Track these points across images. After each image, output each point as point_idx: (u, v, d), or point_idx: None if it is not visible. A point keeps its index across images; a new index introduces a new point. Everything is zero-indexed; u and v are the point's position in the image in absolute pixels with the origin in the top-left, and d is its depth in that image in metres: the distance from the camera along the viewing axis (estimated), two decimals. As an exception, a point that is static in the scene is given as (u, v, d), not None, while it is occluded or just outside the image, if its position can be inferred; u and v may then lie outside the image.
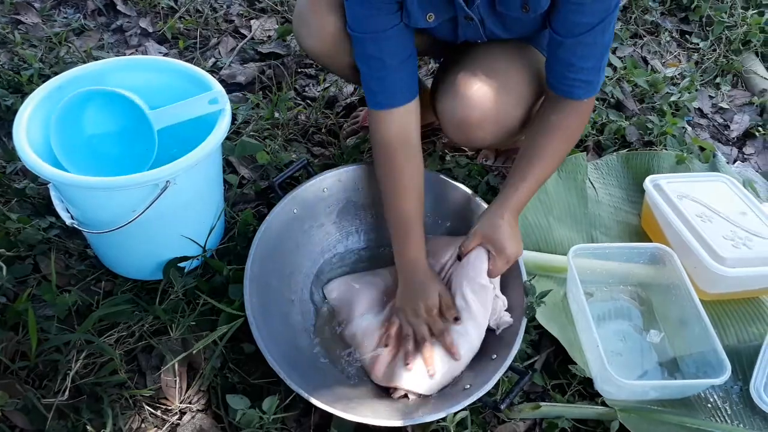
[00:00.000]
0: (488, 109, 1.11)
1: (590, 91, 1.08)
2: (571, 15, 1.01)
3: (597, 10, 0.99)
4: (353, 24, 1.06)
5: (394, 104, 1.09)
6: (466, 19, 1.07)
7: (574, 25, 1.01)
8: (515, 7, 1.03)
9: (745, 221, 1.28)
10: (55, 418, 0.97)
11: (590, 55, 1.05)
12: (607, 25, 1.02)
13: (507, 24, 1.10)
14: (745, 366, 1.17)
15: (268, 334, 1.02)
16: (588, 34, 1.02)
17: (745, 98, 1.83)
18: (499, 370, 1.00)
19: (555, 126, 1.09)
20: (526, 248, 1.29)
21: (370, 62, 1.08)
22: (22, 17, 1.70)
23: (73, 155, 1.06)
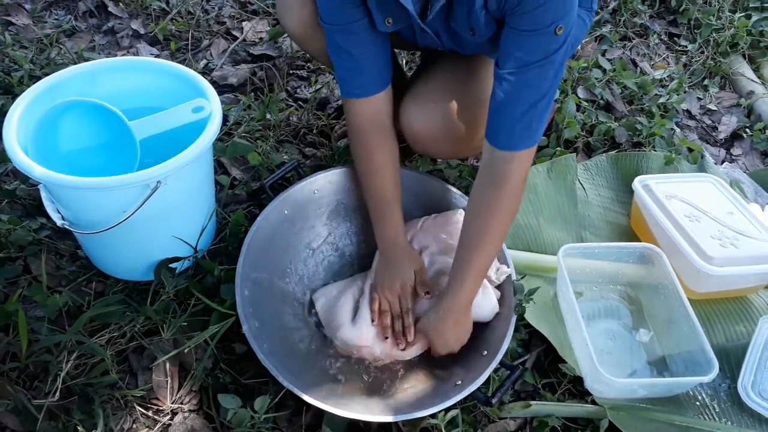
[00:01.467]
0: (443, 125, 1.13)
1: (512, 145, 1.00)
2: (510, 44, 0.95)
3: (534, 48, 0.93)
4: (323, 14, 1.07)
5: (364, 94, 1.11)
6: (423, 31, 1.07)
7: (509, 56, 0.95)
8: (464, 29, 1.03)
9: (732, 221, 1.30)
10: (46, 419, 0.97)
11: (523, 98, 0.96)
12: (546, 70, 0.94)
13: (460, 42, 1.10)
14: (733, 364, 1.18)
15: (260, 333, 1.02)
16: (521, 72, 0.94)
17: (733, 100, 1.85)
18: (490, 365, 1.01)
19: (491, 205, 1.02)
20: (517, 248, 1.30)
21: (340, 53, 1.09)
22: (12, 18, 1.69)
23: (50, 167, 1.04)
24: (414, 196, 1.24)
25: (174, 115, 1.09)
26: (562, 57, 0.95)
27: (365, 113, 1.12)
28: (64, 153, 1.09)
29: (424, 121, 1.15)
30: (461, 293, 1.05)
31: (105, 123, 1.08)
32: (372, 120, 1.13)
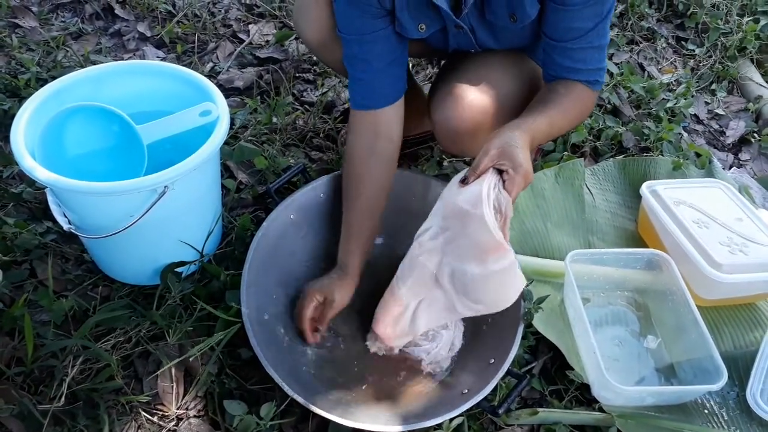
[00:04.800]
0: (482, 119, 1.10)
1: (594, 86, 1.08)
2: (563, 21, 1.01)
3: (589, 15, 0.99)
4: (341, 25, 1.08)
5: (374, 105, 1.10)
6: (457, 28, 1.08)
7: (566, 31, 1.01)
8: (503, 17, 1.03)
9: (741, 227, 1.29)
10: (51, 425, 0.97)
11: (588, 58, 1.05)
12: (602, 30, 1.02)
13: (497, 34, 1.10)
14: (742, 372, 1.17)
15: (265, 339, 1.02)
16: (582, 39, 1.02)
17: (741, 104, 1.84)
18: (497, 374, 1.00)
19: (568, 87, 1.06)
20: (524, 253, 1.29)
21: (356, 63, 1.09)
22: (19, 21, 1.69)
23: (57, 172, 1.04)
24: (421, 200, 1.24)
25: (181, 119, 1.09)
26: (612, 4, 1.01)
27: (370, 126, 1.11)
28: (71, 157, 1.09)
29: (460, 117, 1.10)
30: (530, 123, 0.99)
31: (112, 127, 1.08)
32: (378, 134, 1.12)
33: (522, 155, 0.94)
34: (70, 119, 1.06)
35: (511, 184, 0.94)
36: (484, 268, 0.96)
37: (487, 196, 0.92)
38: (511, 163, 0.93)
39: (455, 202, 0.95)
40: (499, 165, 0.94)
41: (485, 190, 0.93)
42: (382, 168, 1.14)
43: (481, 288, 0.99)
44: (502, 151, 0.94)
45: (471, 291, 1.00)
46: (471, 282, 0.98)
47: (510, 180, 0.94)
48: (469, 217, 0.94)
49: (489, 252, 0.95)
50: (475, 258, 0.96)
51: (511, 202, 0.95)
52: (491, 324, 1.14)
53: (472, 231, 0.94)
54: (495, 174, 0.95)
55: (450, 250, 0.99)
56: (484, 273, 0.96)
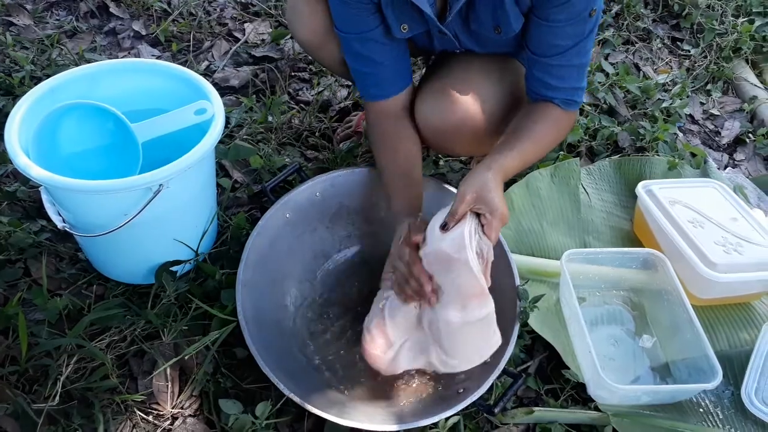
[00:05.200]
0: (463, 117, 1.11)
1: (570, 106, 1.08)
2: (545, 37, 1.01)
3: (570, 34, 0.99)
4: (339, 23, 1.08)
5: (386, 95, 1.13)
6: (440, 33, 1.08)
7: (548, 47, 1.02)
8: (488, 28, 1.04)
9: (736, 227, 1.29)
10: (46, 424, 0.96)
11: (566, 76, 1.05)
12: (582, 49, 1.02)
13: (481, 41, 1.11)
14: (737, 371, 1.18)
15: (261, 339, 1.02)
16: (562, 56, 1.02)
17: (736, 105, 1.84)
18: (492, 373, 1.00)
19: (543, 113, 1.07)
20: (520, 252, 1.29)
21: (359, 59, 1.10)
22: (13, 19, 1.68)
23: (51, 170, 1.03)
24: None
25: (176, 117, 1.09)
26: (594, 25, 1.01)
27: (386, 111, 1.14)
28: (65, 155, 1.08)
29: (442, 115, 1.11)
30: (502, 161, 1.00)
31: (107, 125, 1.08)
32: (395, 114, 1.14)
33: (497, 198, 0.96)
34: (65, 117, 1.06)
35: (489, 229, 0.97)
36: (465, 315, 0.96)
37: (469, 241, 0.94)
38: (487, 207, 0.96)
39: (439, 248, 0.95)
40: (476, 209, 0.97)
41: (467, 235, 0.94)
42: (412, 136, 1.15)
43: (459, 338, 0.99)
44: (478, 196, 0.96)
45: (446, 340, 0.99)
46: (449, 331, 0.98)
47: (488, 224, 0.96)
48: (453, 262, 0.94)
49: (471, 298, 0.96)
50: (457, 304, 0.96)
51: (492, 242, 0.97)
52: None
53: (456, 276, 0.95)
54: (474, 217, 0.97)
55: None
56: (464, 321, 0.96)
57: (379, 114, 1.15)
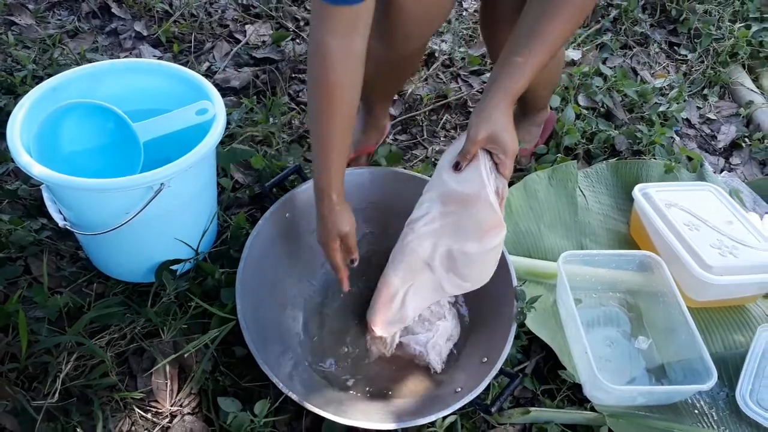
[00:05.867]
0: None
1: None
2: None
3: None
4: None
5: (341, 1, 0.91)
6: None
7: None
8: None
9: (731, 230, 1.30)
10: (45, 421, 0.97)
11: None
12: None
13: None
14: (731, 373, 1.19)
15: (260, 337, 1.02)
16: None
17: (732, 109, 1.86)
18: (489, 373, 1.01)
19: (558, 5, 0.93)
20: (517, 254, 1.30)
21: None
22: (15, 18, 1.69)
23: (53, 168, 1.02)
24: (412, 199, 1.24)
25: (178, 117, 1.10)
26: None
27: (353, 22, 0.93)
28: (66, 154, 1.09)
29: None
30: (511, 84, 0.93)
31: (108, 125, 1.09)
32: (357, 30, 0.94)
33: (509, 136, 0.94)
34: (67, 116, 1.07)
35: (503, 168, 0.97)
36: (481, 246, 1.01)
37: (488, 180, 0.97)
38: (500, 147, 0.95)
39: (455, 188, 0.99)
40: (489, 148, 0.97)
41: (485, 175, 0.97)
42: (359, 72, 0.98)
43: (475, 265, 1.04)
44: (489, 137, 0.95)
45: (463, 268, 1.04)
46: (466, 260, 1.02)
47: (502, 164, 0.97)
48: (472, 201, 0.98)
49: (489, 230, 0.99)
50: (476, 236, 1.00)
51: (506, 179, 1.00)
52: (484, 323, 1.15)
53: (476, 212, 0.98)
54: (486, 154, 0.98)
55: (449, 232, 1.02)
56: (481, 250, 1.01)
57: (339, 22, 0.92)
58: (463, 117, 1.71)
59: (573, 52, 1.88)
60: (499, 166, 0.98)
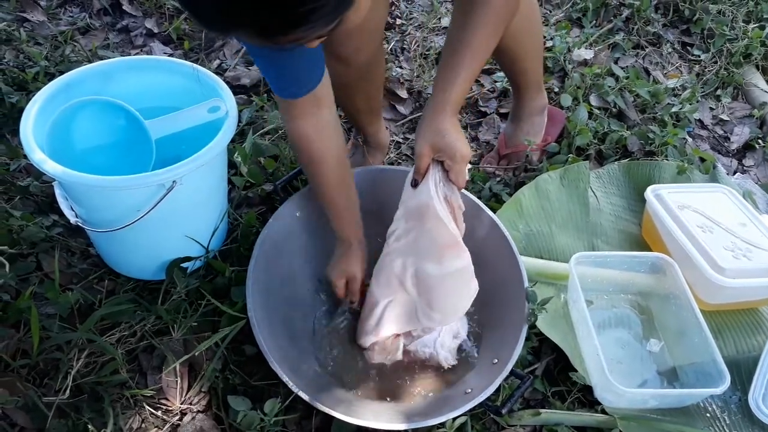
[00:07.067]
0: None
1: None
2: None
3: None
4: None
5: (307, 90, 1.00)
6: None
7: None
8: None
9: (745, 232, 1.29)
10: (56, 417, 0.97)
11: None
12: None
13: None
14: (744, 376, 1.18)
15: (270, 336, 1.02)
16: None
17: (746, 111, 1.84)
18: (500, 375, 1.00)
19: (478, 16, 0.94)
20: (528, 255, 1.29)
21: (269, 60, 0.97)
22: (27, 15, 1.70)
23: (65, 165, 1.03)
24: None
25: (190, 114, 1.10)
26: None
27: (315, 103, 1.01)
28: (79, 151, 1.09)
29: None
30: (450, 97, 0.95)
31: (120, 122, 1.09)
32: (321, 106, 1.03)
33: (453, 140, 0.94)
34: (79, 113, 1.07)
35: (453, 174, 0.97)
36: (441, 268, 1.01)
37: (435, 190, 0.97)
38: (446, 154, 0.95)
39: (411, 205, 1.00)
40: (437, 158, 0.97)
41: (432, 186, 0.97)
42: (336, 134, 1.08)
43: (439, 291, 1.04)
44: (433, 147, 0.95)
45: (429, 293, 1.04)
46: (430, 283, 1.03)
47: (450, 170, 0.97)
48: (424, 214, 0.98)
49: (445, 249, 0.99)
50: (434, 256, 1.01)
51: (458, 188, 0.98)
52: (495, 325, 1.15)
53: (430, 228, 0.98)
54: (437, 166, 0.98)
55: (413, 250, 1.02)
56: (441, 273, 1.01)
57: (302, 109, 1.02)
58: (474, 116, 1.71)
59: (585, 51, 1.87)
60: (450, 173, 0.97)
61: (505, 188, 1.43)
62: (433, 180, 0.97)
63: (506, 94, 1.74)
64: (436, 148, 0.96)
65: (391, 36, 1.88)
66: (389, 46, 1.83)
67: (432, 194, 0.96)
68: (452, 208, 0.99)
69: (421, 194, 0.98)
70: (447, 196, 0.99)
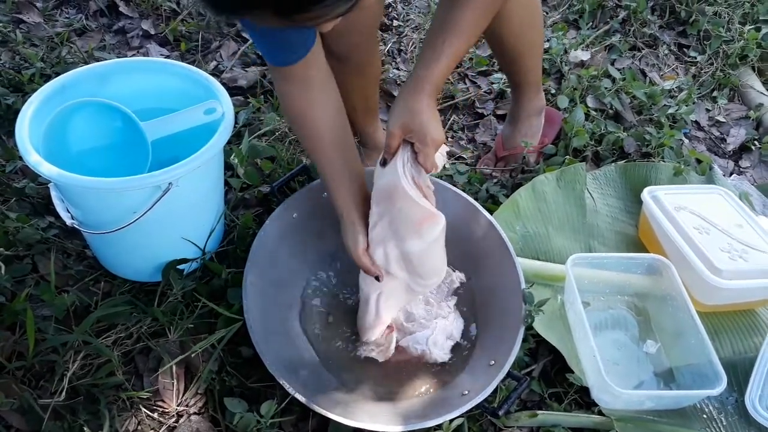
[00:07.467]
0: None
1: None
2: None
3: None
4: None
5: (297, 58, 0.98)
6: None
7: None
8: None
9: (741, 234, 1.29)
10: (52, 419, 0.97)
11: None
12: None
13: None
14: (741, 378, 1.18)
15: (266, 338, 1.02)
16: None
17: (742, 112, 1.85)
18: (497, 376, 1.00)
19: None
20: (525, 256, 1.29)
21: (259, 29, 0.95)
22: (23, 16, 1.69)
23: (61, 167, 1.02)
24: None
25: (186, 116, 1.09)
26: None
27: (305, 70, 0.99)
28: (74, 153, 1.09)
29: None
30: (430, 76, 0.92)
31: (116, 123, 1.09)
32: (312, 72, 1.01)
33: (426, 123, 0.92)
34: (75, 115, 1.07)
35: (422, 157, 0.94)
36: (423, 241, 0.99)
37: (402, 170, 0.95)
38: (416, 135, 0.93)
39: (380, 185, 0.98)
40: (408, 138, 0.95)
41: (400, 166, 0.95)
42: (329, 95, 1.04)
43: (427, 261, 1.03)
44: (404, 126, 0.93)
45: (418, 267, 1.03)
46: (416, 258, 1.02)
47: (420, 153, 0.94)
48: (393, 194, 0.96)
49: (423, 222, 0.98)
50: (413, 232, 0.99)
51: (426, 171, 0.96)
52: (492, 326, 1.15)
53: (400, 207, 0.96)
54: (407, 146, 0.96)
55: (391, 234, 1.01)
56: (423, 246, 1.00)
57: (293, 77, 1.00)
58: (471, 118, 1.71)
59: (582, 53, 1.87)
60: (418, 155, 0.95)
61: (502, 189, 1.43)
62: (401, 160, 0.95)
63: (503, 95, 1.74)
64: (407, 129, 0.93)
65: (387, 38, 1.88)
66: (386, 48, 1.84)
67: (399, 174, 0.94)
68: (420, 188, 0.97)
69: (388, 174, 0.96)
70: (414, 177, 0.96)
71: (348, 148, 1.08)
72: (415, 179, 0.97)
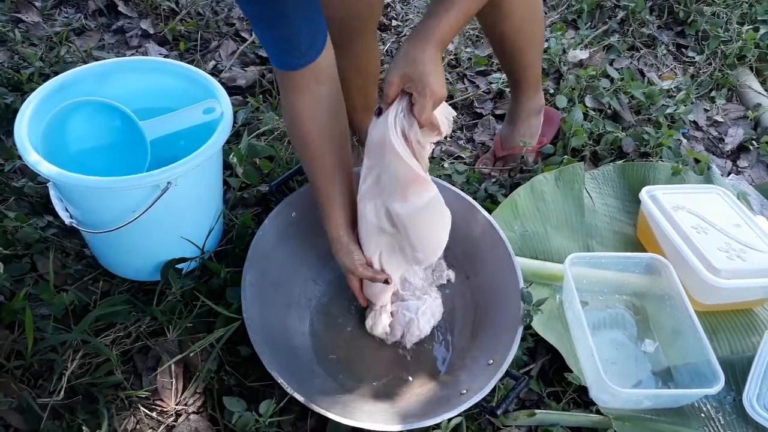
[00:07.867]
0: None
1: None
2: None
3: None
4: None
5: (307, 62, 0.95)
6: None
7: None
8: None
9: (739, 233, 1.30)
10: (50, 418, 0.97)
11: None
12: None
13: None
14: (738, 377, 1.18)
15: (265, 337, 1.02)
16: None
17: (740, 112, 1.85)
18: (495, 375, 1.00)
19: None
20: (523, 255, 1.30)
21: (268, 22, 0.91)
22: (22, 16, 1.70)
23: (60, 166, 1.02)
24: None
25: (185, 116, 1.10)
26: None
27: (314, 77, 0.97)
28: (73, 152, 1.09)
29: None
30: (437, 28, 0.88)
31: (115, 123, 1.09)
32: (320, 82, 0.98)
33: (427, 74, 0.87)
34: (74, 114, 1.07)
35: (416, 108, 0.89)
36: (407, 205, 0.94)
37: (393, 122, 0.89)
38: (415, 86, 0.88)
39: (372, 137, 0.92)
40: (406, 89, 0.89)
41: (392, 116, 0.89)
42: (334, 114, 1.02)
43: (415, 230, 0.97)
44: (404, 76, 0.88)
45: (406, 233, 0.98)
46: (401, 222, 0.96)
47: (417, 105, 0.89)
48: (382, 148, 0.90)
49: (408, 185, 0.92)
50: (398, 193, 0.93)
51: (420, 125, 0.90)
52: (490, 325, 1.15)
53: (389, 162, 0.91)
54: (405, 97, 0.90)
55: (379, 189, 0.96)
56: (409, 211, 0.94)
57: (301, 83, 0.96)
58: (470, 117, 1.71)
59: (580, 53, 1.88)
60: (414, 106, 0.89)
61: (501, 189, 1.44)
62: (394, 111, 0.89)
63: (502, 95, 1.75)
64: (407, 78, 0.88)
65: (386, 37, 1.88)
66: (385, 47, 1.84)
67: (390, 125, 0.89)
68: (411, 143, 0.91)
69: (380, 125, 0.90)
70: (405, 129, 0.90)
71: (346, 171, 1.06)
72: (405, 132, 0.90)
